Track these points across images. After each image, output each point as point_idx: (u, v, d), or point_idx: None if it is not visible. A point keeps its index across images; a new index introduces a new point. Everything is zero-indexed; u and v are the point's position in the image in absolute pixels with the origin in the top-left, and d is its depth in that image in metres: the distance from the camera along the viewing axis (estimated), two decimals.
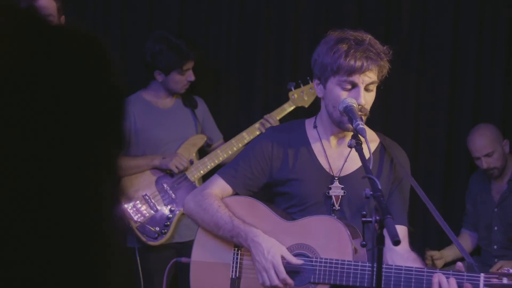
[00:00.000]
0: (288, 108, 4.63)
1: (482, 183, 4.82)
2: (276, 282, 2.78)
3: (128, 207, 4.46)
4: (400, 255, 2.80)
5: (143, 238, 4.45)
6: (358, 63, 2.76)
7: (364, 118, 2.79)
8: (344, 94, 2.79)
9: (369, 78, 2.79)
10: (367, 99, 2.81)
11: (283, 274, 2.78)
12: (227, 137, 4.71)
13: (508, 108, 4.96)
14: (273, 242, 2.83)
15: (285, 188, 2.97)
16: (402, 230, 2.84)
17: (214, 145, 4.75)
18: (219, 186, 3.00)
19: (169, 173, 4.52)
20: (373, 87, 2.83)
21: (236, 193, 3.03)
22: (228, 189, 3.01)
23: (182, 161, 4.45)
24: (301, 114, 4.54)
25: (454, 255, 4.75)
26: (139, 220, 4.45)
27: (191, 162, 4.54)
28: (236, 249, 2.96)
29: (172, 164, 4.44)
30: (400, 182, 2.95)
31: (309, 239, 2.83)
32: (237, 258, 2.96)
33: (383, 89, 4.73)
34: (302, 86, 4.63)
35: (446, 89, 4.95)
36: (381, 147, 2.98)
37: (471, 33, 4.94)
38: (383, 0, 4.98)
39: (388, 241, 2.29)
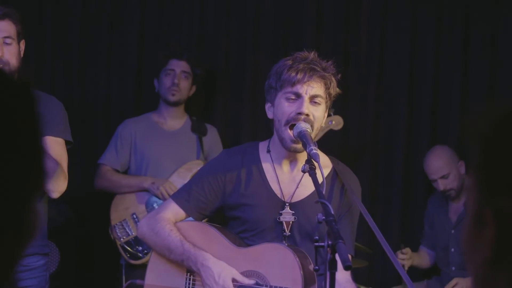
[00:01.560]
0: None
1: (439, 205, 4.86)
2: None
3: (116, 224, 4.49)
4: (339, 284, 2.72)
5: (125, 256, 4.48)
6: (301, 74, 2.80)
7: (313, 130, 2.80)
8: (288, 105, 2.81)
9: (312, 88, 2.80)
10: (312, 111, 2.81)
11: None
12: None
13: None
14: (224, 265, 2.83)
15: (237, 213, 2.96)
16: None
17: None
18: (172, 210, 2.98)
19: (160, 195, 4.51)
20: (320, 101, 2.84)
21: (189, 217, 3.01)
22: (181, 213, 2.99)
23: (170, 189, 4.44)
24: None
25: (418, 262, 4.78)
26: (123, 238, 4.48)
27: None
28: (188, 274, 2.94)
29: (159, 192, 4.45)
30: (350, 208, 2.96)
31: (260, 266, 2.83)
32: (189, 284, 2.94)
33: (341, 108, 4.85)
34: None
35: (404, 111, 5.00)
36: (333, 173, 2.98)
37: (428, 55, 4.99)
38: (341, 19, 5.01)
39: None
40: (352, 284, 2.88)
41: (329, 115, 4.44)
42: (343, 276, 2.78)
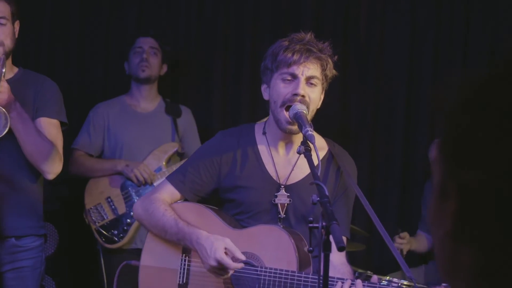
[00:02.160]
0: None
1: None
2: (229, 273, 2.78)
3: (91, 208, 4.45)
4: (334, 266, 2.74)
5: (100, 240, 4.44)
6: (297, 55, 2.79)
7: (309, 112, 2.79)
8: (284, 86, 2.81)
9: (308, 69, 2.80)
10: (308, 92, 2.80)
11: (231, 264, 2.76)
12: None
13: None
14: (215, 237, 2.80)
15: (232, 195, 2.96)
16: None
17: (188, 155, 4.67)
18: (168, 191, 2.99)
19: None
20: (316, 82, 2.83)
21: (185, 199, 3.01)
22: (176, 194, 2.99)
23: (145, 172, 4.40)
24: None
25: (416, 246, 4.77)
26: (98, 222, 4.44)
27: (160, 169, 4.49)
28: (184, 255, 2.95)
29: (133, 175, 4.40)
30: (345, 191, 2.95)
31: (255, 248, 2.83)
32: (184, 264, 2.95)
33: (341, 94, 4.84)
34: None
35: (403, 96, 4.99)
36: (329, 155, 2.98)
37: (428, 38, 4.98)
38: (341, 12, 5.00)
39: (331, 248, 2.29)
40: (347, 266, 2.88)
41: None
42: (338, 258, 2.79)
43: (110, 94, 4.80)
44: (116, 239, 4.43)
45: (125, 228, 4.43)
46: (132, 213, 4.42)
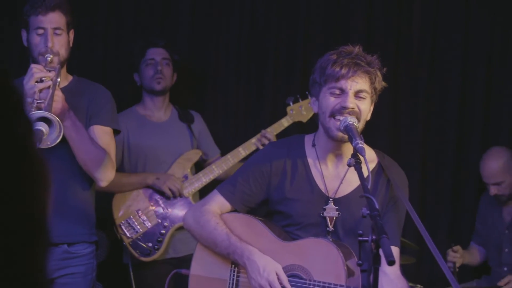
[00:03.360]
0: (286, 123, 4.57)
1: (492, 204, 4.78)
2: None
3: (122, 223, 4.45)
4: (390, 280, 2.76)
5: (136, 254, 4.42)
6: (345, 69, 2.78)
7: (360, 122, 2.79)
8: (333, 100, 2.80)
9: (357, 83, 2.79)
10: (358, 105, 2.80)
11: None
12: (231, 150, 4.67)
13: None
14: (269, 260, 2.84)
15: (281, 207, 2.97)
16: (394, 251, 2.82)
17: (210, 160, 4.71)
18: (218, 202, 3.01)
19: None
20: (366, 96, 2.82)
21: (234, 209, 3.03)
22: (226, 205, 3.01)
23: (176, 183, 4.41)
24: (298, 128, 4.55)
25: (469, 260, 4.71)
26: (131, 236, 4.43)
27: (186, 177, 4.50)
28: (233, 266, 2.97)
29: (165, 187, 4.40)
30: (395, 202, 2.93)
31: (304, 261, 2.84)
32: (233, 275, 2.96)
33: (392, 110, 4.81)
34: (300, 100, 4.58)
35: (455, 107, 4.94)
36: (379, 167, 2.96)
37: (480, 56, 4.92)
38: (394, 20, 4.97)
39: (381, 262, 2.28)
40: (402, 279, 2.86)
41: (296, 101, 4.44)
42: (393, 271, 2.78)
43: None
44: (152, 251, 4.43)
45: (159, 239, 4.44)
46: (164, 224, 4.45)
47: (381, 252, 2.28)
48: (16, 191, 0.83)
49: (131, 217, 4.45)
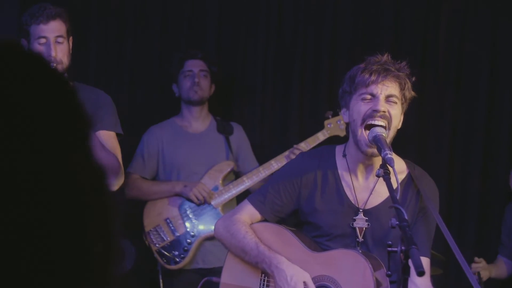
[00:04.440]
0: (322, 137, 4.56)
1: None
2: None
3: (150, 230, 4.50)
4: None
5: (162, 262, 4.48)
6: (374, 74, 2.81)
7: (390, 129, 2.81)
8: (364, 105, 2.82)
9: (387, 87, 2.81)
10: (389, 109, 2.81)
11: None
12: (260, 162, 4.68)
13: None
14: (297, 269, 2.86)
15: (311, 218, 2.99)
16: (424, 262, 2.82)
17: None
18: (248, 212, 3.03)
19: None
20: (396, 101, 2.84)
21: (265, 219, 3.05)
22: (256, 214, 3.03)
23: (203, 191, 4.44)
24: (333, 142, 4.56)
25: (496, 273, 4.67)
26: (158, 243, 4.48)
27: (216, 189, 4.53)
28: (263, 275, 2.99)
29: (192, 194, 4.45)
30: (425, 213, 2.93)
31: (333, 272, 2.85)
32: (263, 285, 2.99)
33: (419, 118, 4.80)
34: (339, 114, 4.59)
35: (482, 116, 4.92)
36: (409, 178, 2.97)
37: (509, 62, 4.90)
38: (420, 29, 4.97)
39: (411, 273, 2.30)
40: None
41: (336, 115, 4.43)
42: (423, 282, 2.78)
43: (157, 117, 4.85)
44: (177, 259, 4.47)
45: (186, 248, 4.47)
46: (192, 233, 4.48)
47: (410, 263, 2.30)
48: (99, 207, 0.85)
49: (160, 225, 4.51)
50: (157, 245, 4.48)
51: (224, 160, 4.63)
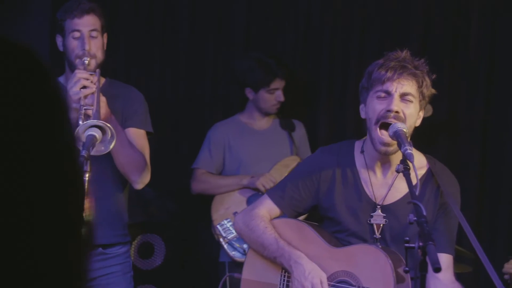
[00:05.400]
0: None
1: None
2: None
3: (219, 224, 4.59)
4: (444, 285, 2.76)
5: (231, 254, 4.56)
6: (391, 71, 2.78)
7: (408, 131, 2.77)
8: (378, 103, 2.80)
9: (402, 85, 2.78)
10: (403, 108, 2.78)
11: None
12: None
13: None
14: (316, 266, 2.86)
15: (330, 213, 2.98)
16: (446, 258, 2.81)
17: None
18: (267, 207, 3.03)
19: (260, 192, 4.56)
20: (412, 99, 2.80)
21: (284, 214, 3.05)
22: (275, 209, 3.03)
23: (270, 180, 4.50)
24: None
25: None
26: (227, 237, 4.56)
27: None
28: (283, 271, 2.99)
29: (259, 183, 4.51)
30: (446, 209, 2.90)
31: (353, 267, 2.84)
32: (284, 280, 2.99)
33: (450, 113, 4.74)
34: None
35: None
36: (429, 173, 2.94)
37: None
38: (451, 22, 4.92)
39: (428, 269, 2.28)
40: (457, 284, 2.85)
41: None
42: (447, 277, 2.79)
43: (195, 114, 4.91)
44: (245, 252, 4.52)
45: None
46: None
47: (428, 259, 2.28)
48: (55, 196, 0.84)
49: (229, 218, 4.58)
50: (226, 238, 4.57)
51: (288, 155, 4.71)
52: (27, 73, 0.83)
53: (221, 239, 4.58)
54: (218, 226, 4.59)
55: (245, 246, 4.51)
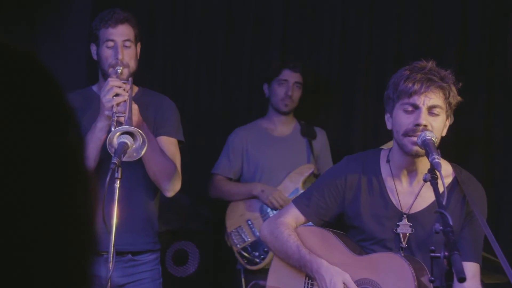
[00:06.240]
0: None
1: None
2: None
3: (232, 231, 4.61)
4: None
5: (242, 262, 4.57)
6: (418, 84, 2.76)
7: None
8: (406, 117, 2.78)
9: (430, 99, 2.76)
10: (431, 122, 2.77)
11: None
12: None
13: None
14: (335, 270, 2.86)
15: (356, 222, 2.98)
16: (472, 267, 2.79)
17: None
18: (292, 215, 3.04)
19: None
20: (439, 112, 2.79)
21: (309, 222, 3.05)
22: (301, 217, 3.04)
23: (280, 198, 4.50)
24: None
25: None
26: (240, 244, 4.58)
27: (297, 191, 4.56)
28: (307, 278, 2.99)
29: (268, 201, 4.52)
30: (472, 217, 2.87)
31: (375, 275, 2.84)
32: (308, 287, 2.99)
33: (485, 124, 4.69)
34: None
35: None
36: (455, 182, 2.92)
37: None
38: (488, 32, 4.87)
39: (454, 279, 2.27)
40: None
41: None
42: (473, 286, 2.77)
43: (246, 118, 4.93)
44: (257, 260, 4.55)
45: (266, 249, 4.54)
46: None
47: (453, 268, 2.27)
48: (62, 201, 0.83)
49: (242, 226, 4.61)
50: (238, 245, 4.58)
51: (305, 163, 4.69)
52: (29, 77, 0.83)
53: (233, 247, 4.59)
54: (231, 234, 4.60)
55: (256, 254, 4.53)
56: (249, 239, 4.57)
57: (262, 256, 4.54)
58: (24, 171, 0.80)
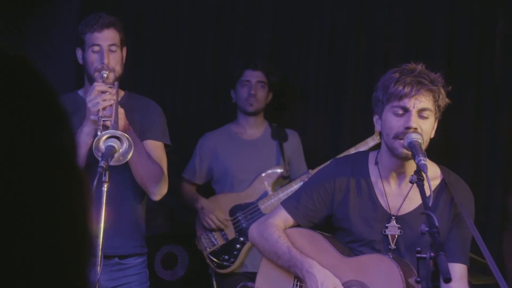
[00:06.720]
0: (372, 142, 4.50)
1: None
2: None
3: (202, 235, 4.59)
4: None
5: (212, 266, 4.56)
6: (408, 87, 2.77)
7: (423, 142, 2.76)
8: (396, 120, 2.79)
9: (420, 102, 2.77)
10: (420, 125, 2.78)
11: None
12: (313, 167, 4.68)
13: None
14: (328, 274, 2.86)
15: (344, 224, 2.99)
16: (460, 268, 2.81)
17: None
18: (281, 217, 3.04)
19: (243, 204, 4.58)
20: (428, 115, 2.80)
21: (298, 224, 3.06)
22: (290, 220, 3.04)
23: (216, 220, 4.52)
24: None
25: None
26: (209, 248, 4.57)
27: (266, 193, 4.57)
28: (295, 280, 3.00)
29: (204, 220, 4.55)
30: (460, 219, 2.88)
31: (364, 277, 2.84)
32: None
33: (474, 130, 4.70)
34: None
35: None
36: (443, 185, 2.93)
37: None
38: (476, 37, 4.89)
39: (440, 279, 2.28)
40: None
41: None
42: (458, 286, 2.78)
43: (219, 123, 4.90)
44: (226, 264, 4.55)
45: (235, 253, 4.54)
46: (241, 238, 4.54)
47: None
48: (58, 202, 0.84)
49: (212, 232, 4.58)
50: (207, 249, 4.57)
51: (274, 165, 4.66)
52: (21, 79, 0.84)
53: (203, 251, 4.58)
54: (201, 237, 4.59)
55: (226, 257, 4.53)
56: (219, 243, 4.56)
57: (231, 260, 4.54)
58: (19, 173, 0.81)
